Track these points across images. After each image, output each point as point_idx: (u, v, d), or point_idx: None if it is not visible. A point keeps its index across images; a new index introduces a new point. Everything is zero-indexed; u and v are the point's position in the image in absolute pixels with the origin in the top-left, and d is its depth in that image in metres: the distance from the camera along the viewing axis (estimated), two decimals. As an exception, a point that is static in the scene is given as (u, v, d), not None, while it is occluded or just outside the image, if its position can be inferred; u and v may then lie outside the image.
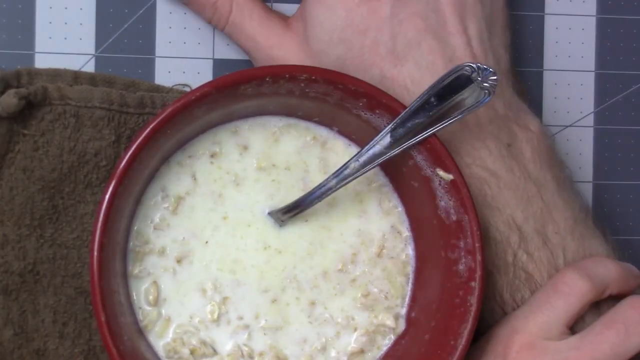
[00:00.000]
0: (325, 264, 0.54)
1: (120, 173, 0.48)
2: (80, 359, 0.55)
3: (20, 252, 0.54)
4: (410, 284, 0.54)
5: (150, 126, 0.49)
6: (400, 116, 0.50)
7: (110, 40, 0.57)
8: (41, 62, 0.57)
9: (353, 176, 0.51)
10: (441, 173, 0.51)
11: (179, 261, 0.52)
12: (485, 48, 0.55)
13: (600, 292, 0.52)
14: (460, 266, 0.52)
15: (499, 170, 0.54)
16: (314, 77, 0.50)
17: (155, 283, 0.52)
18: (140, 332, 0.52)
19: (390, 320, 0.54)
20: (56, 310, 0.55)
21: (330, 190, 0.52)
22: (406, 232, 0.54)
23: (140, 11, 0.57)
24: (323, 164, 0.54)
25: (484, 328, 0.54)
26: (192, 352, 0.52)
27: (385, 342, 0.54)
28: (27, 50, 0.57)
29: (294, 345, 0.53)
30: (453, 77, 0.50)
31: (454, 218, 0.51)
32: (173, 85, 0.57)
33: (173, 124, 0.49)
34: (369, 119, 0.52)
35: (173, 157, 0.53)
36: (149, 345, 0.52)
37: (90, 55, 0.57)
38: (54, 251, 0.55)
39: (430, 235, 0.53)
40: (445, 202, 0.52)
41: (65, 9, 0.57)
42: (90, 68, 0.57)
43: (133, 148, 0.48)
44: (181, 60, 0.58)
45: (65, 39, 0.57)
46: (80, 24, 0.57)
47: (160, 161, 0.52)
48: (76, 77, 0.56)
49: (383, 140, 0.51)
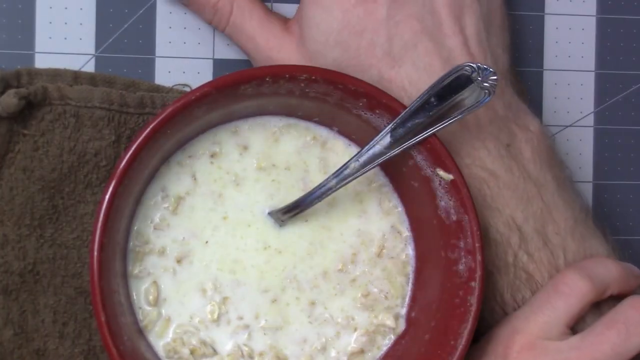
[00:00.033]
0: (325, 264, 0.54)
1: (120, 173, 0.48)
2: (80, 359, 0.55)
3: (20, 252, 0.54)
4: (410, 284, 0.54)
5: (150, 126, 0.49)
6: (400, 116, 0.50)
7: (110, 40, 0.57)
8: (41, 62, 0.56)
9: (353, 176, 0.51)
10: (441, 173, 0.51)
11: (179, 261, 0.52)
12: (482, 48, 0.55)
13: (600, 293, 0.52)
14: (460, 266, 0.52)
15: (498, 170, 0.54)
16: (314, 77, 0.50)
17: (155, 283, 0.52)
18: (140, 332, 0.52)
19: (390, 320, 0.54)
20: (56, 310, 0.55)
21: (330, 190, 0.52)
22: (406, 232, 0.54)
23: (140, 11, 0.57)
24: (323, 164, 0.54)
25: (484, 328, 0.54)
26: (192, 352, 0.52)
27: (385, 342, 0.54)
28: (27, 50, 0.56)
29: (294, 345, 0.53)
30: (453, 77, 0.50)
31: (454, 218, 0.51)
32: (173, 85, 0.57)
33: (173, 124, 0.49)
34: (369, 119, 0.52)
35: (173, 157, 0.53)
36: (149, 345, 0.52)
37: (90, 55, 0.57)
38: (54, 251, 0.55)
39: (430, 235, 0.53)
40: (445, 202, 0.52)
41: (65, 9, 0.57)
42: (90, 68, 0.57)
43: (133, 148, 0.48)
44: (181, 60, 0.58)
45: (65, 39, 0.57)
46: (80, 24, 0.57)
47: (160, 161, 0.52)
48: (76, 77, 0.56)
49: (383, 140, 0.51)
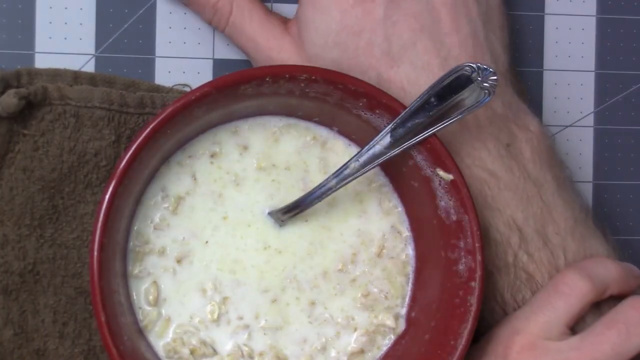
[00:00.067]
0: (325, 264, 0.54)
1: (120, 173, 0.48)
2: (80, 359, 0.55)
3: (20, 252, 0.54)
4: (410, 284, 0.54)
5: (150, 126, 0.49)
6: (400, 116, 0.50)
7: (110, 40, 0.57)
8: (41, 62, 0.56)
9: (353, 176, 0.51)
10: (441, 173, 0.51)
11: (179, 261, 0.52)
12: (481, 47, 0.54)
13: (600, 293, 0.52)
14: (460, 266, 0.51)
15: (498, 170, 0.54)
16: (314, 77, 0.50)
17: (155, 283, 0.52)
18: (140, 332, 0.52)
19: (390, 320, 0.54)
20: (56, 310, 0.55)
21: (330, 190, 0.52)
22: (406, 232, 0.54)
23: (140, 11, 0.57)
24: (323, 164, 0.54)
25: (485, 328, 0.54)
26: (192, 352, 0.52)
27: (385, 342, 0.54)
28: (27, 50, 0.56)
29: (294, 345, 0.53)
30: (453, 77, 0.50)
31: (454, 218, 0.51)
32: (173, 85, 0.57)
33: (173, 124, 0.49)
34: (369, 119, 0.52)
35: (173, 157, 0.53)
36: (149, 345, 0.52)
37: (90, 55, 0.57)
38: (54, 251, 0.55)
39: (430, 235, 0.53)
40: (445, 202, 0.52)
41: (65, 9, 0.57)
42: (90, 68, 0.57)
43: (133, 148, 0.48)
44: (181, 60, 0.58)
45: (65, 39, 0.57)
46: (80, 24, 0.57)
47: (160, 161, 0.52)
48: (76, 77, 0.56)
49: (383, 140, 0.51)
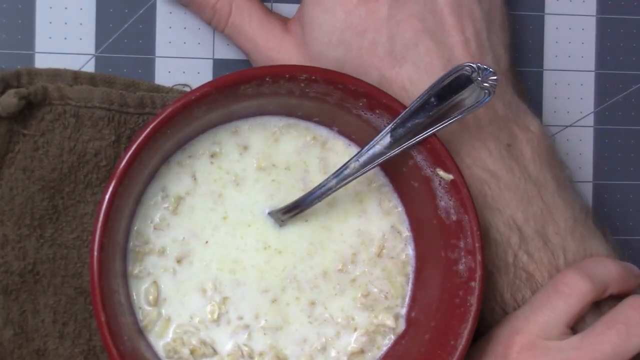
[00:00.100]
0: (325, 264, 0.54)
1: (120, 173, 0.48)
2: (80, 359, 0.55)
3: (20, 252, 0.54)
4: (410, 284, 0.54)
5: (150, 126, 0.49)
6: (400, 116, 0.50)
7: (110, 40, 0.57)
8: (41, 62, 0.56)
9: (353, 176, 0.51)
10: (441, 173, 0.51)
11: (179, 261, 0.52)
12: (483, 48, 0.55)
13: (600, 292, 0.52)
14: (460, 266, 0.51)
15: (499, 171, 0.54)
16: (314, 77, 0.50)
17: (155, 283, 0.52)
18: (140, 332, 0.52)
19: (390, 320, 0.54)
20: (56, 310, 0.55)
21: (330, 190, 0.52)
22: (406, 232, 0.54)
23: (140, 11, 0.57)
24: (323, 164, 0.54)
25: (484, 328, 0.54)
26: (192, 352, 0.52)
27: (385, 342, 0.54)
28: (27, 50, 0.56)
29: (294, 345, 0.53)
30: (453, 77, 0.50)
31: (454, 218, 0.51)
32: (173, 85, 0.57)
33: (173, 124, 0.49)
34: (369, 119, 0.52)
35: (173, 157, 0.53)
36: (149, 345, 0.52)
37: (90, 55, 0.57)
38: (54, 251, 0.55)
39: (430, 235, 0.53)
40: (445, 202, 0.52)
41: (65, 9, 0.57)
42: (90, 68, 0.57)
43: (133, 148, 0.48)
44: (181, 60, 0.58)
45: (65, 39, 0.57)
46: (80, 24, 0.57)
47: (160, 161, 0.52)
48: (76, 77, 0.56)
49: (383, 140, 0.51)
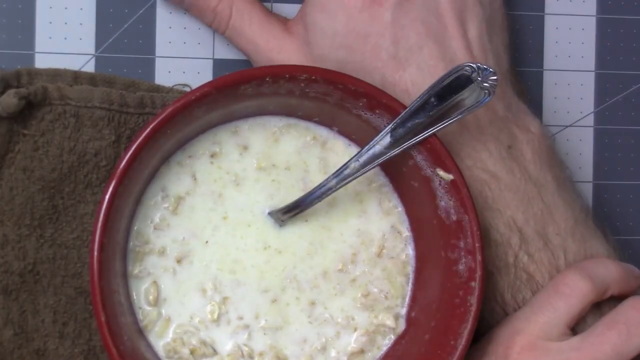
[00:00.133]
0: (325, 264, 0.54)
1: (120, 173, 0.48)
2: (80, 359, 0.55)
3: (20, 252, 0.54)
4: (410, 284, 0.54)
5: (150, 126, 0.49)
6: (400, 116, 0.50)
7: (110, 40, 0.57)
8: (41, 62, 0.56)
9: (353, 176, 0.51)
10: (441, 173, 0.51)
11: (179, 261, 0.52)
12: (485, 50, 0.55)
13: (601, 293, 0.52)
14: (460, 266, 0.51)
15: (499, 172, 0.54)
16: (314, 77, 0.50)
17: (155, 283, 0.52)
18: (140, 332, 0.52)
19: (390, 320, 0.54)
20: (56, 310, 0.55)
21: (330, 190, 0.52)
22: (406, 232, 0.54)
23: (140, 11, 0.57)
24: (323, 164, 0.54)
25: (485, 329, 0.54)
26: (192, 352, 0.52)
27: (385, 342, 0.54)
28: (27, 50, 0.56)
29: (294, 345, 0.53)
30: (453, 77, 0.50)
31: (454, 218, 0.51)
32: (173, 85, 0.57)
33: (173, 124, 0.49)
34: (369, 119, 0.52)
35: (173, 157, 0.53)
36: (149, 345, 0.52)
37: (90, 55, 0.57)
38: (54, 251, 0.55)
39: (430, 235, 0.53)
40: (445, 202, 0.52)
41: (65, 9, 0.57)
42: (90, 68, 0.57)
43: (133, 148, 0.48)
44: (181, 60, 0.58)
45: (65, 39, 0.57)
46: (80, 24, 0.57)
47: (160, 161, 0.52)
48: (76, 77, 0.56)
49: (383, 140, 0.51)
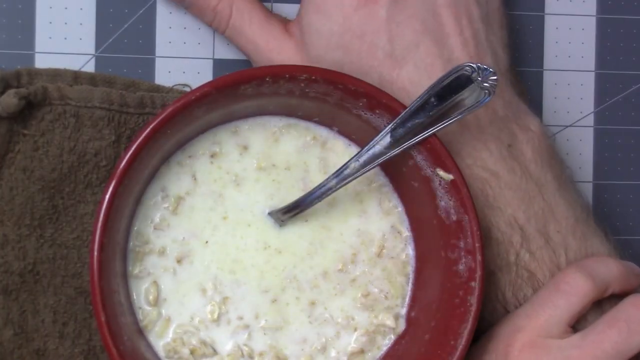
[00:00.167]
0: (325, 264, 0.54)
1: (120, 173, 0.48)
2: (80, 359, 0.55)
3: (20, 252, 0.54)
4: (410, 284, 0.54)
5: (150, 126, 0.49)
6: (400, 116, 0.50)
7: (110, 40, 0.57)
8: (41, 62, 0.56)
9: (353, 176, 0.51)
10: (441, 173, 0.51)
11: (179, 261, 0.52)
12: (482, 48, 0.55)
13: (602, 291, 0.52)
14: (460, 266, 0.51)
15: (500, 170, 0.54)
16: (314, 77, 0.50)
17: (155, 283, 0.52)
18: (140, 332, 0.52)
19: (390, 320, 0.54)
20: (56, 310, 0.55)
21: (330, 190, 0.52)
22: (406, 232, 0.54)
23: (140, 11, 0.57)
24: (323, 164, 0.54)
25: (485, 328, 0.54)
26: (192, 352, 0.52)
27: (385, 342, 0.54)
28: (27, 50, 0.56)
29: (294, 345, 0.53)
30: (453, 77, 0.50)
31: (454, 218, 0.51)
32: (173, 85, 0.57)
33: (173, 124, 0.49)
34: (369, 119, 0.52)
35: (173, 157, 0.53)
36: (149, 345, 0.52)
37: (90, 55, 0.57)
38: (54, 251, 0.55)
39: (430, 235, 0.53)
40: (445, 202, 0.52)
41: (65, 9, 0.57)
42: (90, 68, 0.57)
43: (133, 148, 0.48)
44: (181, 60, 0.58)
45: (65, 39, 0.57)
46: (80, 24, 0.57)
47: (160, 161, 0.52)
48: (76, 77, 0.56)
49: (383, 140, 0.51)
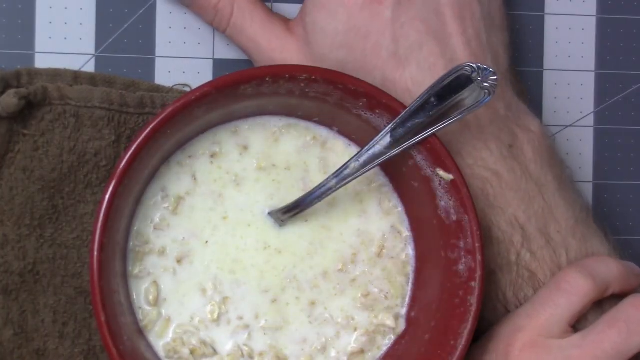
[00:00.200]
0: (325, 264, 0.54)
1: (120, 173, 0.48)
2: (80, 359, 0.55)
3: (20, 252, 0.54)
4: (410, 284, 0.54)
5: (150, 126, 0.49)
6: (400, 116, 0.50)
7: (110, 40, 0.57)
8: (41, 62, 0.56)
9: (353, 176, 0.51)
10: (441, 173, 0.51)
11: (179, 261, 0.52)
12: (484, 48, 0.55)
13: (602, 291, 0.52)
14: (460, 266, 0.51)
15: (500, 170, 0.54)
16: (314, 77, 0.50)
17: (155, 283, 0.52)
18: (140, 332, 0.52)
19: (390, 320, 0.54)
20: (56, 310, 0.55)
21: (330, 190, 0.52)
22: (406, 232, 0.54)
23: (140, 11, 0.57)
24: (323, 164, 0.54)
25: (485, 328, 0.54)
26: (192, 352, 0.52)
27: (385, 342, 0.54)
28: (27, 50, 0.56)
29: (294, 345, 0.53)
30: (453, 77, 0.50)
31: (454, 218, 0.51)
32: (173, 85, 0.57)
33: (173, 124, 0.49)
34: (369, 119, 0.52)
35: (173, 157, 0.53)
36: (149, 345, 0.52)
37: (90, 55, 0.57)
38: (54, 251, 0.55)
39: (430, 235, 0.53)
40: (445, 202, 0.52)
41: (65, 9, 0.57)
42: (90, 68, 0.57)
43: (133, 148, 0.48)
44: (181, 60, 0.58)
45: (65, 39, 0.57)
46: (80, 24, 0.57)
47: (160, 161, 0.52)
48: (76, 77, 0.56)
49: (383, 140, 0.51)
